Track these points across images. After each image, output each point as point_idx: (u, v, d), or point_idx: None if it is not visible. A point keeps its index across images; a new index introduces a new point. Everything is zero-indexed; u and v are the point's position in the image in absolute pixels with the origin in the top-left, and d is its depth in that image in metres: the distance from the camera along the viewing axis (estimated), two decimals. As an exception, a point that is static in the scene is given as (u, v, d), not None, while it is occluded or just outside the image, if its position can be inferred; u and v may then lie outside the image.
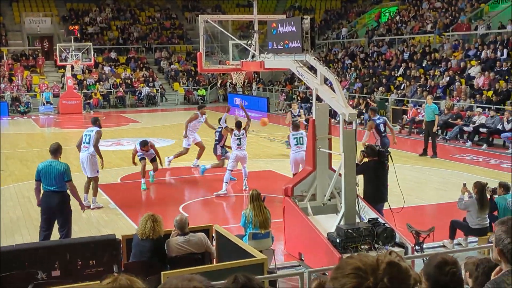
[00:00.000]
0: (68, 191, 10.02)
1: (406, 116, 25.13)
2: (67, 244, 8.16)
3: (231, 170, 14.34)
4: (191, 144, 16.89)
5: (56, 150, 10.00)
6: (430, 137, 18.62)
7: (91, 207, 13.15)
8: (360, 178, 9.79)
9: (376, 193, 10.17)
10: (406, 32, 35.24)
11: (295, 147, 14.23)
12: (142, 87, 39.38)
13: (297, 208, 9.65)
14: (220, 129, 15.78)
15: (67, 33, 41.58)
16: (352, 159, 9.04)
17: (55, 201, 9.77)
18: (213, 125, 16.93)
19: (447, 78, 26.53)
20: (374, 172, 10.25)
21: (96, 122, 14.00)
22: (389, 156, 10.38)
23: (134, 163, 15.17)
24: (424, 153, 18.72)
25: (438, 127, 19.92)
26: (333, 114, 17.51)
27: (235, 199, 14.37)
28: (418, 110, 24.59)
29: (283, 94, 35.99)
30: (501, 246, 2.78)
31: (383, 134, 14.98)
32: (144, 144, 14.98)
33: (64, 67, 36.91)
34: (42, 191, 9.93)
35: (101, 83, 39.14)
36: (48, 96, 36.38)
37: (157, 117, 33.64)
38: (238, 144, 14.27)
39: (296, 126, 15.17)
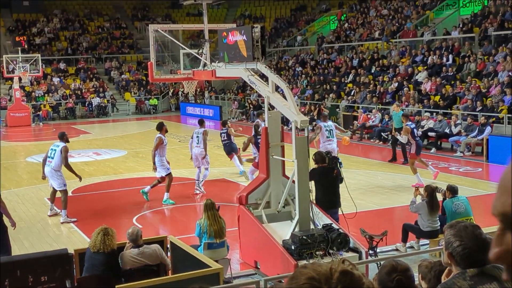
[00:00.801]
0: None
1: (356, 122, 25.48)
2: (18, 260, 7.97)
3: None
4: (169, 169, 14.54)
5: None
6: (398, 144, 18.77)
7: (61, 221, 12.96)
8: (313, 185, 9.87)
9: (327, 199, 10.17)
10: (355, 39, 35.75)
11: (327, 139, 15.08)
12: (93, 98, 38.90)
13: (251, 216, 9.67)
14: (225, 130, 16.91)
15: (14, 44, 40.78)
16: (305, 166, 9.10)
17: None
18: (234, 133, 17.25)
19: (396, 84, 27.01)
20: (323, 178, 10.23)
21: (63, 137, 13.47)
22: (337, 163, 10.47)
23: None
24: (393, 159, 18.89)
25: (388, 132, 20.21)
26: (285, 121, 17.58)
27: (189, 208, 14.30)
28: (369, 116, 24.97)
29: (236, 102, 36.05)
30: (451, 250, 2.84)
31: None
32: None
33: (11, 79, 36.18)
34: None
35: (50, 94, 38.52)
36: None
37: (109, 128, 33.28)
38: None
39: (325, 117, 16.04)
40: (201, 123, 16.06)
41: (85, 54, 43.86)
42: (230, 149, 17.09)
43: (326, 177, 10.25)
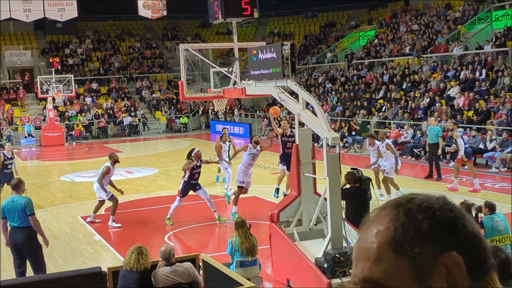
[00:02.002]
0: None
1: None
2: (52, 278, 8.03)
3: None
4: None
5: (17, 185, 9.74)
6: (434, 160, 18.56)
7: (108, 224, 14.20)
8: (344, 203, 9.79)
9: (358, 220, 10.06)
10: (385, 55, 35.61)
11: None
12: (124, 117, 39.30)
13: (283, 234, 9.61)
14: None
15: (47, 66, 41.51)
16: (336, 183, 9.04)
17: (21, 237, 9.53)
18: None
19: (428, 99, 26.78)
20: (356, 199, 10.19)
21: (110, 157, 14.60)
22: (370, 184, 10.42)
23: None
24: (429, 175, 18.65)
25: (421, 148, 20.03)
26: (316, 138, 17.54)
27: (221, 227, 14.29)
28: (401, 132, 24.76)
29: (265, 119, 36.09)
30: None
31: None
32: None
33: (45, 99, 36.76)
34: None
35: (83, 114, 39.03)
36: (29, 128, 36.18)
37: (140, 146, 33.56)
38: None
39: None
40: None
41: (116, 74, 44.43)
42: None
43: (359, 198, 10.21)
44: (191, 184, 14.12)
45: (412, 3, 41.64)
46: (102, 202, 14.59)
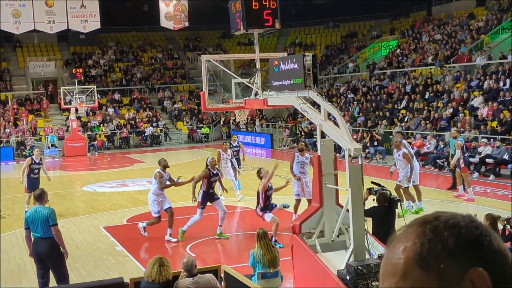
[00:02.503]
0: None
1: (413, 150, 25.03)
2: (74, 289, 8.06)
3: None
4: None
5: (40, 196, 9.82)
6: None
7: (165, 238, 13.88)
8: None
9: (387, 237, 10.08)
10: (407, 65, 35.42)
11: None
12: (146, 127, 39.52)
13: (305, 245, 9.55)
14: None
15: (70, 76, 41.92)
16: (359, 194, 8.97)
17: (44, 247, 9.58)
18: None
19: (451, 110, 26.56)
20: (383, 218, 10.22)
21: (159, 163, 14.48)
22: (397, 204, 10.42)
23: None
24: (453, 186, 18.41)
25: (444, 159, 19.90)
26: (337, 148, 17.46)
27: (242, 238, 14.26)
28: (424, 142, 24.58)
29: (287, 130, 36.05)
30: None
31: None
32: None
33: (68, 110, 37.10)
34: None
35: (105, 124, 39.31)
36: (52, 139, 36.52)
37: (162, 157, 33.66)
38: None
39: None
40: None
41: (138, 84, 44.74)
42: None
43: (387, 218, 10.23)
44: (210, 193, 14.01)
45: (435, 13, 41.44)
46: (159, 218, 13.94)
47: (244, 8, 11.62)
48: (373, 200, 10.60)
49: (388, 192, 10.75)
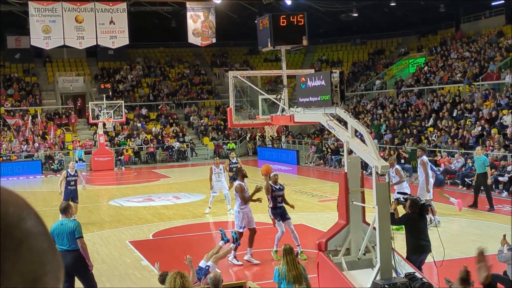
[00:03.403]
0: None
1: (440, 167, 24.76)
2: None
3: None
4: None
5: (65, 209, 9.99)
6: (482, 190, 18.27)
7: (244, 258, 13.20)
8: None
9: (420, 244, 10.10)
10: (435, 82, 35.19)
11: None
12: (173, 143, 39.74)
13: (331, 263, 9.48)
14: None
15: (99, 91, 42.43)
16: (386, 212, 8.90)
17: (69, 260, 9.60)
18: None
19: (479, 128, 26.28)
20: (415, 224, 10.18)
21: (238, 173, 14.04)
22: (427, 209, 10.37)
23: None
24: (474, 205, 18.26)
25: (472, 178, 19.75)
26: (364, 166, 17.38)
27: (268, 253, 14.19)
28: (451, 160, 24.34)
29: (313, 146, 35.95)
30: None
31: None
32: None
33: (96, 124, 37.48)
34: None
35: (132, 139, 39.62)
36: (80, 153, 36.89)
37: (188, 172, 33.79)
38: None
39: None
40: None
41: (165, 100, 45.06)
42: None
43: (419, 224, 10.17)
44: (278, 208, 13.48)
45: (463, 30, 41.17)
46: (241, 233, 13.18)
47: (272, 25, 11.67)
48: (404, 207, 10.57)
49: (419, 198, 10.79)
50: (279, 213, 13.39)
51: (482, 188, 18.41)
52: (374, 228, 9.01)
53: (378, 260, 8.92)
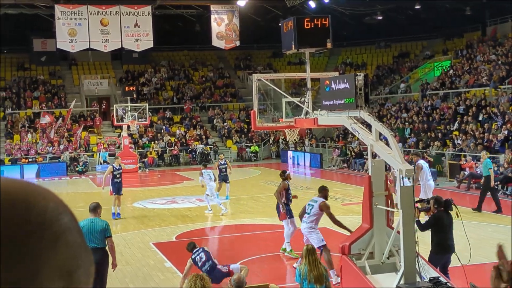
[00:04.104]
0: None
1: (465, 172, 24.52)
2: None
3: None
4: None
5: (95, 209, 10.24)
6: (489, 192, 18.38)
7: (333, 282, 10.99)
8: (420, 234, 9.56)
9: (445, 244, 10.04)
10: (461, 85, 34.87)
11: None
12: (196, 145, 39.87)
13: (354, 266, 9.44)
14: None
15: (123, 94, 42.78)
16: (410, 216, 8.84)
17: (97, 257, 9.69)
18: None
19: (505, 132, 25.97)
20: (443, 223, 10.13)
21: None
22: (451, 205, 10.28)
23: None
24: (478, 209, 18.33)
25: (498, 182, 19.63)
26: (388, 169, 17.33)
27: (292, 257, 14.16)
28: (476, 164, 24.08)
29: (336, 150, 35.83)
30: None
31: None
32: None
33: (120, 127, 37.75)
34: None
35: (156, 142, 39.82)
36: (104, 155, 37.17)
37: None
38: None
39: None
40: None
41: (189, 102, 45.24)
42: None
43: (446, 221, 10.12)
44: (289, 205, 13.76)
45: (489, 33, 40.74)
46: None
47: (296, 28, 11.66)
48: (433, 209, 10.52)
49: (440, 196, 10.72)
50: (290, 210, 13.70)
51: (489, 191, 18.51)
52: (398, 232, 8.96)
53: (402, 264, 8.86)
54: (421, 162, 16.84)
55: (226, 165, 22.03)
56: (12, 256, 0.73)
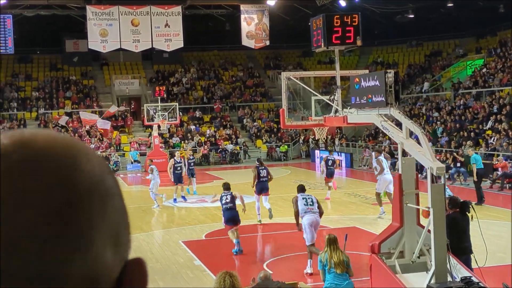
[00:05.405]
0: None
1: (498, 172, 24.12)
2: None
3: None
4: None
5: None
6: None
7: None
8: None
9: (460, 247, 9.71)
10: (494, 84, 34.34)
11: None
12: (226, 145, 39.94)
13: (384, 266, 9.34)
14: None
15: (154, 94, 43.10)
16: (441, 215, 8.71)
17: None
18: None
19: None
20: (458, 225, 9.82)
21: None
22: (471, 207, 10.03)
23: None
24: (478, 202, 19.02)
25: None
26: (419, 168, 17.18)
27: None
28: (509, 164, 23.70)
29: (367, 149, 35.57)
30: None
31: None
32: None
33: (151, 126, 37.98)
34: None
35: (186, 141, 40.00)
36: (135, 154, 37.42)
37: (240, 174, 33.85)
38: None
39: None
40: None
41: (219, 102, 45.34)
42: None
43: (461, 224, 9.86)
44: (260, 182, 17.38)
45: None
46: None
47: (326, 25, 11.59)
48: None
49: (459, 198, 10.49)
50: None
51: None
52: (429, 231, 8.84)
53: (432, 263, 8.74)
54: (381, 157, 18.59)
55: (182, 164, 23.30)
56: (65, 227, 0.68)
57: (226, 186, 14.56)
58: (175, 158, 22.89)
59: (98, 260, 0.71)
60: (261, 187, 17.50)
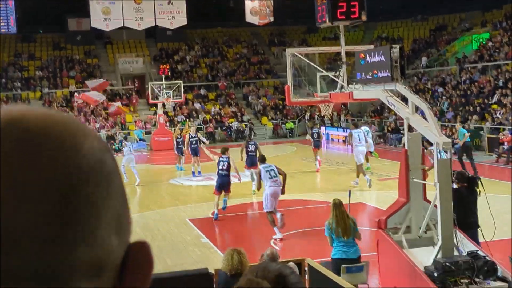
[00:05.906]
0: None
1: (503, 146, 24.09)
2: (160, 278, 8.19)
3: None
4: None
5: None
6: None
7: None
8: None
9: (467, 219, 9.72)
10: (500, 58, 34.10)
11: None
12: (231, 122, 39.91)
13: (391, 241, 9.35)
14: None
15: (158, 72, 42.98)
16: (448, 190, 8.70)
17: None
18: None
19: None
20: (463, 199, 9.80)
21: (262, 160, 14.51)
22: (480, 183, 9.98)
23: None
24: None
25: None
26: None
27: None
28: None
29: (373, 125, 35.49)
30: None
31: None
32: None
33: (155, 105, 37.95)
34: None
35: (191, 119, 39.98)
36: (140, 133, 37.42)
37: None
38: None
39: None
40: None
41: (224, 80, 45.22)
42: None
43: (467, 199, 9.84)
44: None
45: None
46: None
47: (330, 0, 11.48)
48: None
49: (467, 172, 10.47)
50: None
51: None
52: (435, 206, 8.83)
53: (439, 238, 8.75)
54: (353, 131, 20.22)
55: (197, 138, 23.56)
56: (69, 218, 0.63)
57: (224, 150, 16.02)
58: (190, 133, 23.81)
59: (104, 248, 0.67)
60: (251, 161, 19.20)
